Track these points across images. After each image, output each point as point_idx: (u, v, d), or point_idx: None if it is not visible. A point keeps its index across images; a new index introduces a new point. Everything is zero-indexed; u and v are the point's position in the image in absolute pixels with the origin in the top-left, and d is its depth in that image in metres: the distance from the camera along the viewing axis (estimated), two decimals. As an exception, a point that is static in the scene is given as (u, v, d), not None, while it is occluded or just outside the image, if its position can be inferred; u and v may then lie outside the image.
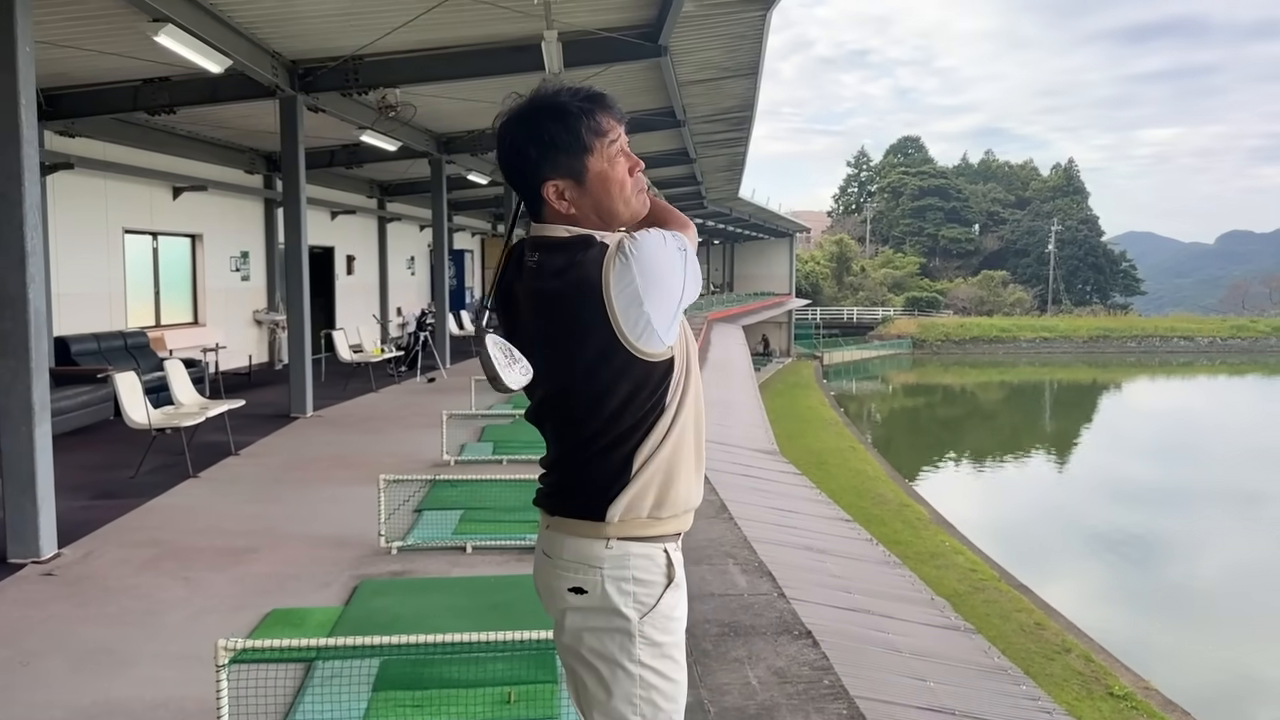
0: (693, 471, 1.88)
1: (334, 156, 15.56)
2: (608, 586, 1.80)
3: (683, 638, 1.89)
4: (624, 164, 1.84)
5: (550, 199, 1.82)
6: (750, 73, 13.51)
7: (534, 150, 1.80)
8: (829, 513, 8.72)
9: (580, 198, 1.82)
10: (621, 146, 1.83)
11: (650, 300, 1.71)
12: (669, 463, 1.81)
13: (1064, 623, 12.44)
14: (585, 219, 1.83)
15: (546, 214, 1.84)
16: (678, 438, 1.82)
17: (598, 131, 1.80)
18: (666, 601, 1.83)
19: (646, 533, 1.82)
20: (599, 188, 1.82)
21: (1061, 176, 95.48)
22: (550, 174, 1.80)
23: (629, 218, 1.87)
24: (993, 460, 28.16)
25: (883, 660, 4.59)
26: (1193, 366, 56.48)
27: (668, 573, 1.84)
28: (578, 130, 1.78)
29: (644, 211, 1.89)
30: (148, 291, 13.49)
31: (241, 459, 8.48)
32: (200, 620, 4.64)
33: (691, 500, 1.89)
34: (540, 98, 1.82)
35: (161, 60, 9.09)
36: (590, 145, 1.79)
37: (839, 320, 64.89)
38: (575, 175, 1.80)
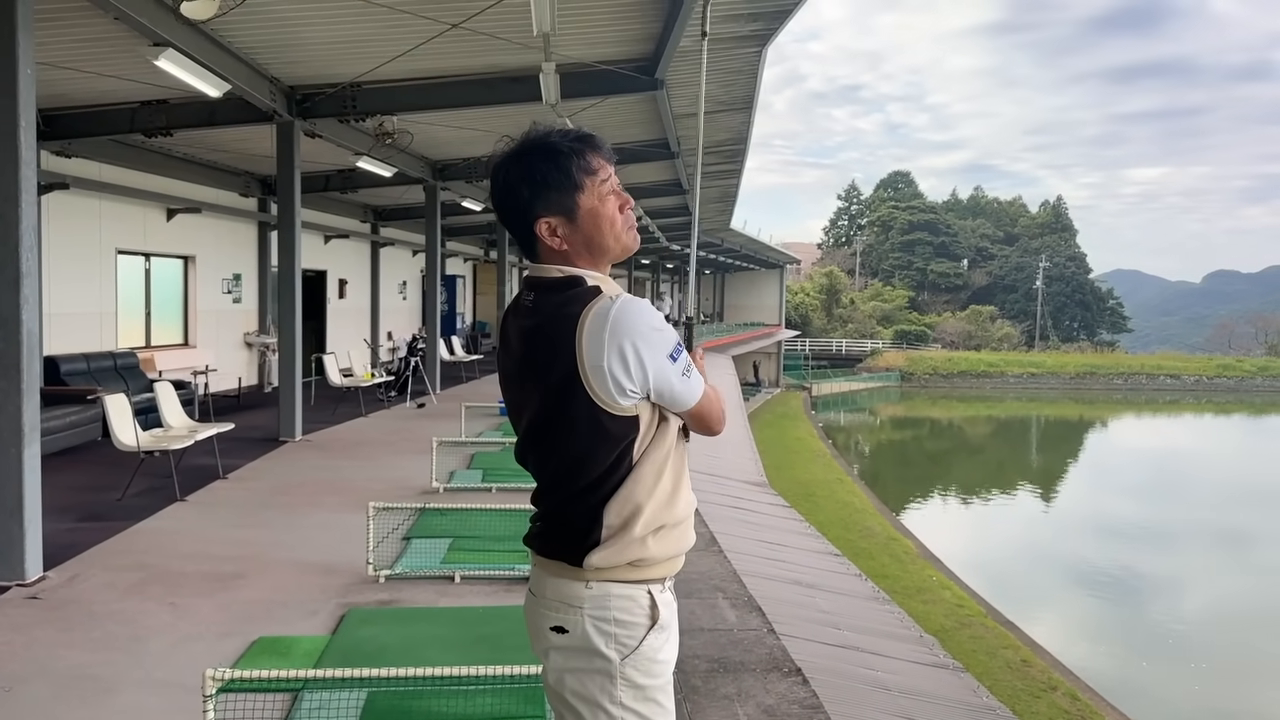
0: (679, 520, 1.88)
1: (329, 181, 15.61)
2: (588, 627, 1.81)
3: (669, 680, 1.88)
4: (614, 201, 1.88)
5: (543, 236, 1.86)
6: (745, 107, 13.64)
7: (526, 190, 1.85)
8: (818, 546, 8.71)
9: (572, 234, 1.86)
10: (612, 185, 1.88)
11: (614, 357, 1.75)
12: (648, 521, 1.82)
13: (1050, 660, 12.43)
14: (577, 255, 1.87)
15: (540, 251, 1.89)
16: (657, 492, 1.83)
17: (588, 170, 1.85)
18: (649, 644, 1.83)
19: (628, 576, 1.83)
20: (590, 224, 1.86)
21: (1050, 213, 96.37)
22: (543, 212, 1.85)
23: (619, 252, 1.91)
24: (979, 495, 28.19)
25: (872, 699, 4.58)
26: (1179, 404, 56.76)
27: (651, 614, 1.83)
28: (568, 169, 1.83)
29: (634, 246, 1.92)
30: (139, 312, 13.46)
31: (229, 483, 8.43)
32: (186, 647, 4.60)
33: (680, 546, 1.90)
34: (532, 139, 1.87)
35: (160, 83, 9.14)
36: (581, 183, 1.84)
37: (828, 352, 65.08)
38: (567, 212, 1.85)
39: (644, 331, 1.77)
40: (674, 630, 1.91)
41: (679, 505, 1.88)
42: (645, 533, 1.81)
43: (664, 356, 1.78)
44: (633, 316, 1.77)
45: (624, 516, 1.80)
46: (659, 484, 1.83)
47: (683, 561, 1.94)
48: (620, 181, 1.94)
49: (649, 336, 1.77)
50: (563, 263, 1.87)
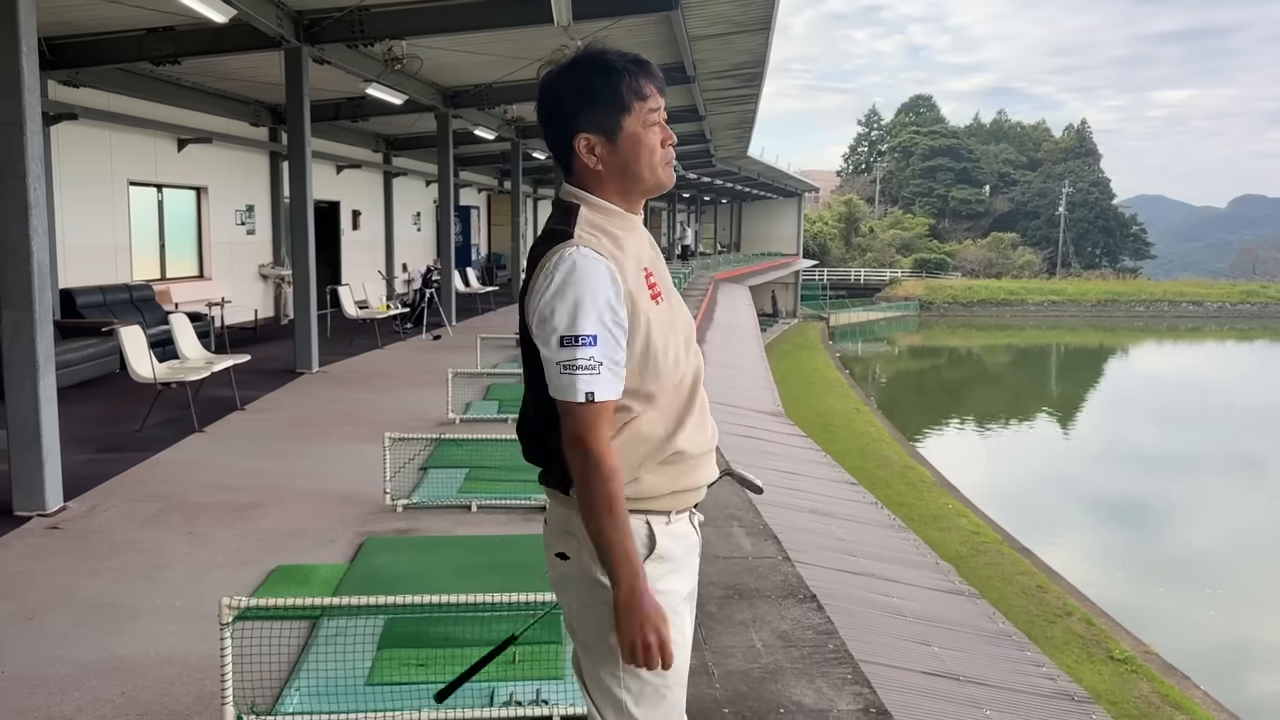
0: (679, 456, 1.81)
1: (339, 110, 15.39)
2: (584, 554, 1.77)
3: (678, 612, 1.82)
4: (658, 133, 1.82)
5: (581, 152, 1.81)
6: (762, 27, 13.31)
7: (573, 101, 1.80)
8: (833, 475, 8.70)
9: (610, 155, 1.80)
10: (660, 116, 1.82)
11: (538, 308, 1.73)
12: (629, 457, 1.75)
13: (1066, 586, 12.48)
14: (610, 178, 1.82)
15: (577, 168, 1.83)
16: (637, 430, 1.77)
17: (639, 93, 1.79)
18: (648, 572, 1.76)
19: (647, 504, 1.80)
20: (630, 149, 1.80)
21: (1074, 138, 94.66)
22: (585, 127, 1.80)
23: (652, 185, 1.85)
24: (997, 423, 28.17)
25: (887, 625, 4.58)
26: (1201, 331, 56.28)
27: (648, 544, 1.78)
28: (619, 87, 1.77)
29: (668, 184, 1.86)
30: (153, 244, 13.42)
31: (247, 414, 8.47)
32: (205, 576, 4.64)
33: (681, 483, 1.83)
34: (588, 52, 1.82)
35: (166, 10, 8.96)
36: (629, 105, 1.78)
37: (846, 281, 64.63)
38: (609, 132, 1.79)
39: (568, 296, 1.69)
40: (684, 563, 1.85)
41: (678, 442, 1.81)
42: (628, 467, 1.75)
43: (557, 335, 1.70)
44: (567, 276, 1.70)
45: None
46: (637, 423, 1.77)
47: (695, 497, 1.88)
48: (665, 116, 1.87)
49: (563, 305, 1.69)
50: (594, 185, 1.83)
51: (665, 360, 1.79)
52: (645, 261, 1.84)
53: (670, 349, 1.80)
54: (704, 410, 1.90)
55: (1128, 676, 9.96)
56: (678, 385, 1.82)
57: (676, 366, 1.81)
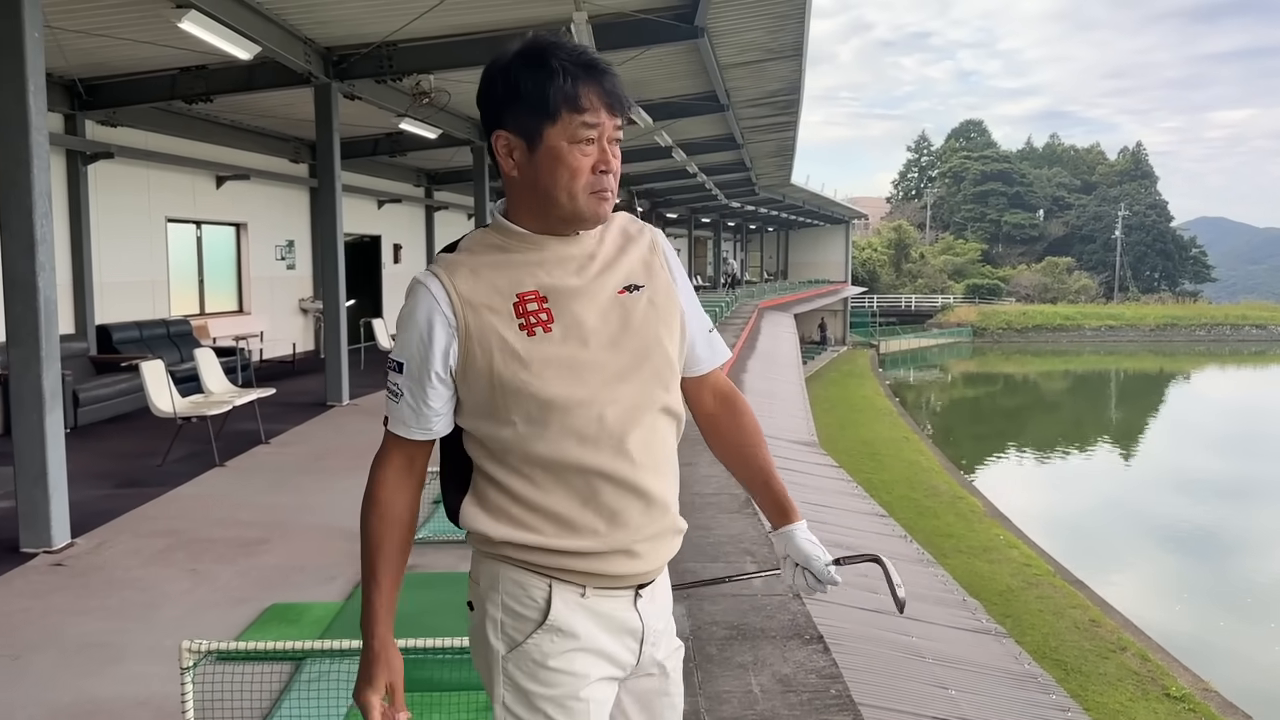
0: (576, 510, 1.55)
1: (377, 145, 15.55)
2: (481, 607, 1.61)
3: (573, 694, 1.55)
4: (587, 154, 1.53)
5: (499, 151, 1.57)
6: (794, 54, 13.19)
7: (499, 93, 1.55)
8: (864, 507, 8.44)
9: (525, 165, 1.55)
10: (597, 135, 1.53)
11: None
12: (514, 495, 1.56)
13: (1120, 620, 12.01)
14: (523, 191, 1.56)
15: (501, 170, 1.61)
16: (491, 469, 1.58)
17: (573, 103, 1.50)
18: (537, 644, 1.55)
19: (514, 558, 1.57)
20: (547, 164, 1.52)
21: (1129, 160, 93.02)
22: (506, 125, 1.55)
23: (570, 214, 1.55)
24: (1055, 451, 27.46)
25: (903, 666, 4.35)
26: (1265, 355, 54.58)
27: (544, 610, 1.56)
28: (546, 89, 1.49)
29: (591, 217, 1.56)
30: (191, 280, 13.60)
31: (271, 448, 8.45)
32: (200, 614, 4.55)
33: (586, 544, 1.55)
34: (532, 41, 1.55)
35: (196, 49, 9.10)
36: (556, 113, 1.50)
37: (896, 308, 63.88)
38: (528, 137, 1.53)
39: (399, 316, 1.62)
40: (603, 647, 1.58)
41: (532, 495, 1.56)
42: (485, 519, 1.58)
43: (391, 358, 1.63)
44: (406, 298, 1.61)
45: (471, 499, 1.63)
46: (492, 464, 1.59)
47: (627, 579, 1.60)
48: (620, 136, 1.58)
49: (398, 324, 1.62)
50: (511, 193, 1.60)
51: (543, 397, 1.53)
52: (534, 287, 1.56)
53: (556, 385, 1.53)
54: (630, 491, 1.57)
55: (1184, 715, 9.50)
56: (580, 433, 1.54)
57: (575, 408, 1.54)
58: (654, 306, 1.62)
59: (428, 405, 1.58)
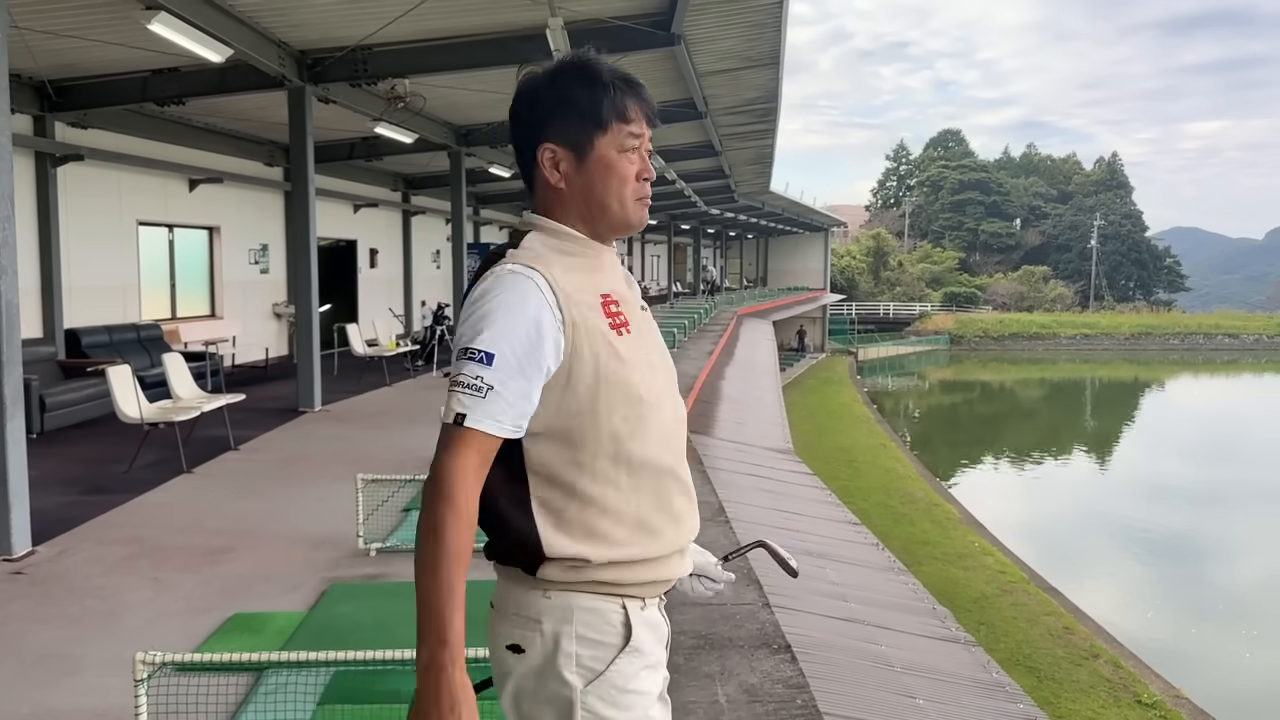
0: (653, 513, 1.57)
1: (353, 149, 15.47)
2: (547, 645, 1.52)
3: (646, 713, 1.56)
4: (635, 163, 1.62)
5: (543, 164, 1.61)
6: (771, 62, 13.21)
7: (545, 105, 1.60)
8: (836, 515, 8.43)
9: (575, 175, 1.60)
10: (640, 145, 1.63)
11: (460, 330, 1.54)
12: (600, 506, 1.54)
13: (1093, 627, 12.07)
14: (572, 200, 1.61)
15: (537, 185, 1.64)
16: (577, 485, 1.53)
17: (621, 114, 1.59)
18: (620, 669, 1.53)
19: (595, 581, 1.54)
20: (599, 173, 1.60)
21: (1105, 170, 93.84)
22: (552, 137, 1.60)
23: (620, 220, 1.64)
24: (1031, 459, 27.61)
25: (871, 675, 4.33)
26: (1237, 364, 55.15)
27: (624, 634, 1.54)
28: (599, 101, 1.58)
29: (637, 224, 1.66)
30: (163, 284, 13.46)
31: (240, 454, 8.36)
32: (161, 624, 4.49)
33: (658, 547, 1.58)
34: (574, 58, 1.63)
35: (168, 51, 9.00)
36: (606, 123, 1.58)
37: (874, 316, 64.10)
38: (578, 148, 1.59)
39: (480, 308, 1.51)
40: (658, 658, 1.61)
41: (661, 493, 1.59)
42: (602, 518, 1.54)
43: (459, 347, 1.51)
44: (488, 288, 1.52)
45: (554, 525, 1.53)
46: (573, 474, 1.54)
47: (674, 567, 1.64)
48: (652, 148, 1.68)
49: (472, 318, 1.51)
50: (554, 206, 1.62)
51: (638, 394, 1.56)
52: (608, 290, 1.62)
53: (645, 384, 1.58)
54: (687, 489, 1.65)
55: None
56: (661, 433, 1.59)
57: (658, 408, 1.60)
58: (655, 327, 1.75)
59: (528, 399, 1.50)
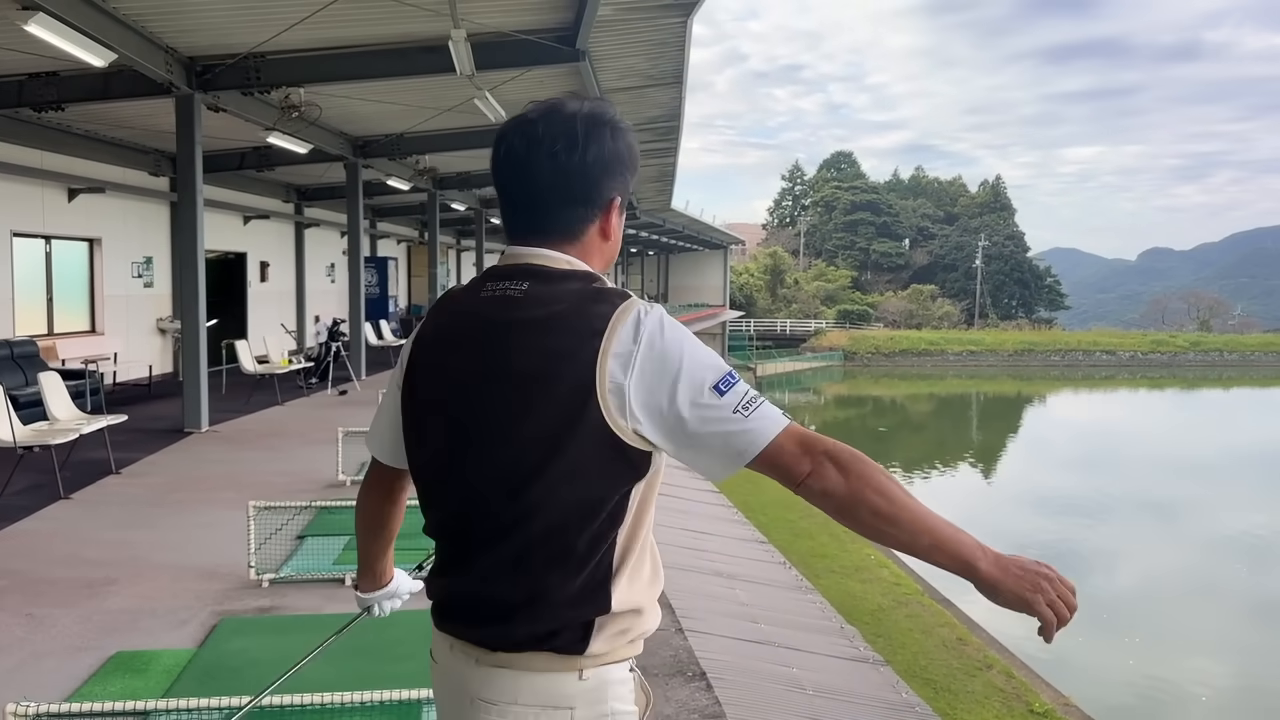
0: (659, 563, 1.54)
1: (244, 159, 14.98)
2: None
3: None
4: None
5: (614, 214, 1.53)
6: (674, 81, 13.28)
7: (630, 156, 1.54)
8: (744, 534, 8.46)
9: (619, 227, 1.57)
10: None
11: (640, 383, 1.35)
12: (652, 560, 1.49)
13: (985, 637, 12.35)
14: (611, 250, 1.56)
15: (588, 231, 1.50)
16: (647, 532, 1.46)
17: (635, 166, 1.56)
18: None
19: (623, 652, 1.44)
20: (620, 222, 1.56)
21: (989, 193, 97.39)
22: (624, 189, 1.54)
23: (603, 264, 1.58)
24: (921, 471, 28.33)
25: (783, 700, 4.30)
26: (1114, 380, 57.73)
27: (646, 697, 1.50)
28: (635, 156, 1.56)
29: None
30: (39, 298, 12.78)
31: (122, 478, 7.94)
32: (35, 665, 4.18)
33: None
34: (605, 106, 1.53)
35: (48, 54, 8.54)
36: (632, 174, 1.55)
37: (772, 332, 65.12)
38: (626, 199, 1.56)
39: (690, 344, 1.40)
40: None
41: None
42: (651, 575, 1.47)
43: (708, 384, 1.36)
44: (670, 326, 1.40)
45: (633, 566, 1.42)
46: (650, 520, 1.48)
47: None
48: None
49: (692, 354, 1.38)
50: (593, 253, 1.52)
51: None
52: None
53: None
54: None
55: (1047, 732, 9.81)
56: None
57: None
58: None
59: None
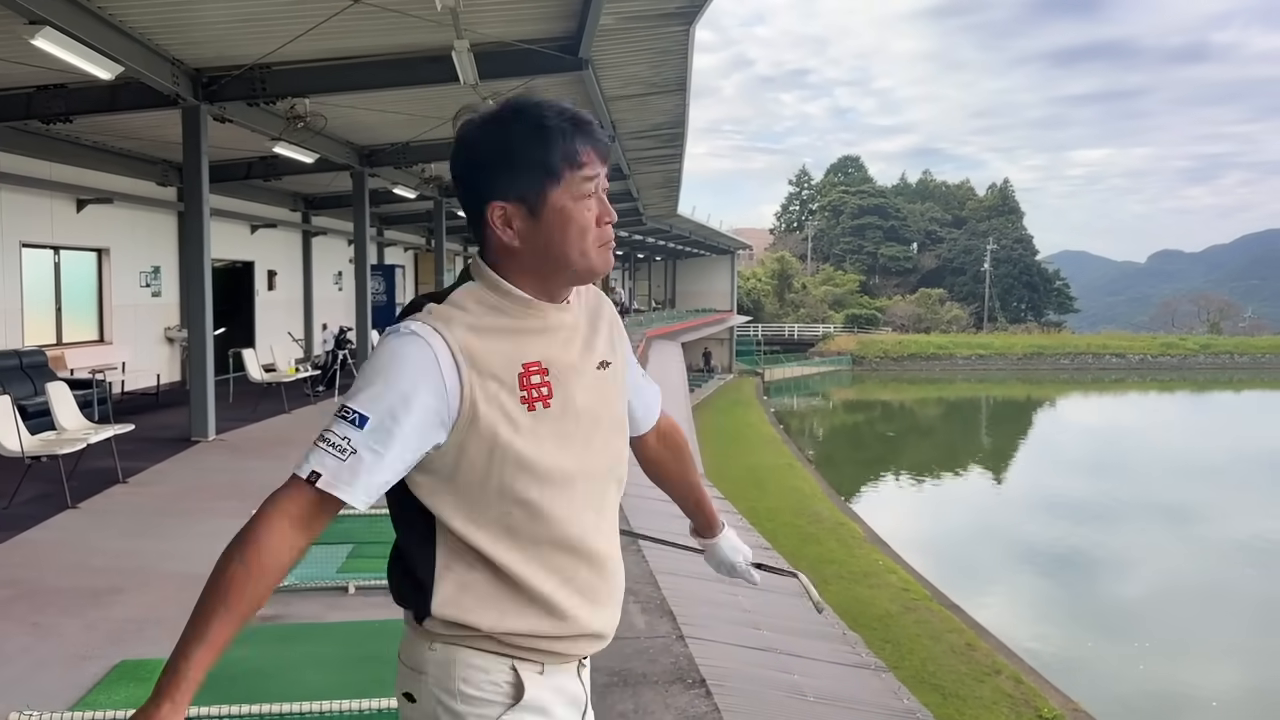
0: (556, 591, 1.49)
1: (251, 168, 15.06)
2: (431, 699, 1.48)
3: None
4: (594, 208, 1.49)
5: (494, 224, 1.48)
6: (678, 88, 13.32)
7: (491, 161, 1.47)
8: (747, 540, 8.45)
9: (531, 231, 1.47)
10: (597, 188, 1.50)
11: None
12: (515, 589, 1.48)
13: (994, 643, 12.35)
14: (528, 258, 1.48)
15: (489, 244, 1.51)
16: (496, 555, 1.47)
17: (573, 160, 1.46)
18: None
19: (478, 643, 1.49)
20: (556, 224, 1.47)
21: (997, 196, 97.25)
22: (502, 194, 1.47)
23: (583, 270, 1.51)
24: (931, 476, 28.29)
25: (785, 707, 4.32)
26: (1124, 383, 57.57)
27: (512, 692, 1.48)
28: (550, 150, 1.45)
29: (602, 270, 1.52)
30: (48, 308, 12.86)
31: (129, 487, 7.98)
32: (40, 674, 4.22)
33: (564, 628, 1.50)
34: (515, 103, 1.49)
35: (55, 67, 8.60)
36: (559, 173, 1.45)
37: (780, 337, 65.15)
38: (530, 204, 1.46)
39: (368, 366, 1.46)
40: (559, 715, 1.52)
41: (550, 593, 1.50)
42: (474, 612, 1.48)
43: (342, 400, 1.45)
44: (380, 347, 1.46)
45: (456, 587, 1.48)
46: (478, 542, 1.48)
47: (580, 650, 1.56)
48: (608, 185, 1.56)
49: (362, 373, 1.47)
50: (506, 263, 1.50)
51: (541, 473, 1.48)
52: (538, 358, 1.49)
53: (554, 463, 1.48)
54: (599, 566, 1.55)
55: (1055, 737, 9.79)
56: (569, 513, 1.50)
57: (567, 487, 1.49)
58: (618, 382, 1.64)
59: (389, 470, 1.42)
